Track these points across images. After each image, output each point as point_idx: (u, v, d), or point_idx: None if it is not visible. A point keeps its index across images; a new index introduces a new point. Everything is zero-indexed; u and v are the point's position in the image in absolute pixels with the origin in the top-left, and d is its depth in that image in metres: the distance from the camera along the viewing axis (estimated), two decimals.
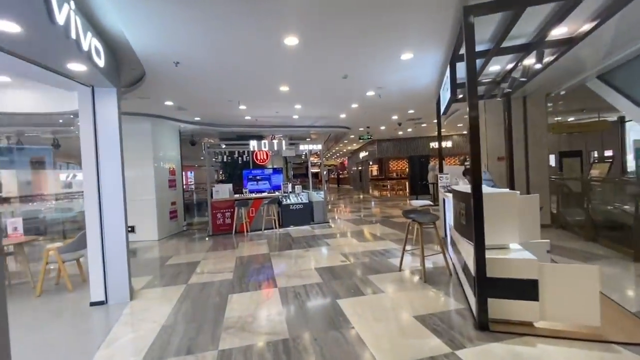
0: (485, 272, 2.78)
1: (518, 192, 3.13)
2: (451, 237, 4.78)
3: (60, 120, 6.06)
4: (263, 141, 8.35)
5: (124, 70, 4.38)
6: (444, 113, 5.29)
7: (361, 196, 18.61)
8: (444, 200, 6.49)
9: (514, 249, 3.16)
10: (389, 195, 17.45)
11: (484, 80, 5.28)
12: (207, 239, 7.71)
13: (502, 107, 7.39)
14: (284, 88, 5.76)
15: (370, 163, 20.10)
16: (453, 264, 4.52)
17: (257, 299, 3.72)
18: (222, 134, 10.43)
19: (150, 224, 7.85)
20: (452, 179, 6.44)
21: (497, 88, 5.35)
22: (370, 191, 19.16)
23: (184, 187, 16.42)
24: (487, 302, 2.79)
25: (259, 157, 9.80)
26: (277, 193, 8.89)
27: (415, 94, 6.77)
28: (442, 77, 5.31)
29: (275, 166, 10.31)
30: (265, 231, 8.16)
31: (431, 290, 3.73)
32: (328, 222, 8.98)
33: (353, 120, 10.03)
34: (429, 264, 4.64)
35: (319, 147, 9.01)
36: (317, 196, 9.30)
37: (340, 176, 34.24)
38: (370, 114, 8.95)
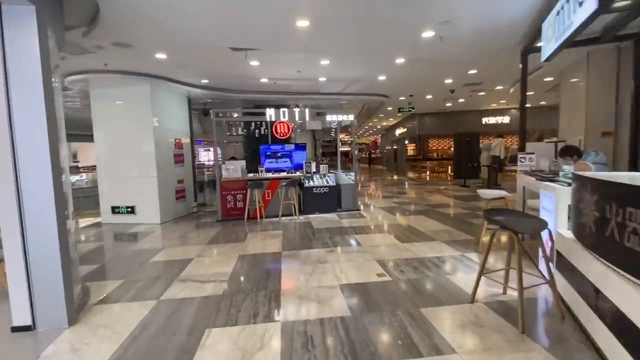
0: None
1: None
2: (556, 252, 3.04)
3: None
4: (282, 109, 6.82)
5: None
6: (548, 58, 3.40)
7: (396, 178, 16.75)
8: (523, 189, 4.67)
9: None
10: (427, 178, 15.45)
11: (618, 4, 3.27)
12: (214, 225, 6.49)
13: (614, 59, 5.24)
14: (303, 22, 4.07)
15: (407, 142, 17.99)
16: (561, 298, 2.83)
17: (244, 345, 2.33)
18: (244, 103, 9.01)
19: (152, 205, 6.76)
20: (539, 161, 4.58)
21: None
22: (407, 173, 17.19)
23: (210, 163, 15.53)
24: None
25: (279, 131, 8.33)
26: (298, 173, 7.43)
27: (493, 35, 4.71)
28: None
29: (298, 142, 8.77)
30: (283, 218, 6.79)
31: (541, 355, 2.11)
32: (358, 210, 7.43)
33: (394, 86, 8.16)
34: (512, 294, 2.96)
35: (351, 117, 7.33)
36: (347, 178, 7.72)
37: (372, 155, 32.15)
38: (418, 75, 7.05)
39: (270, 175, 7.23)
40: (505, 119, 13.33)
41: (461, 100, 10.65)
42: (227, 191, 6.83)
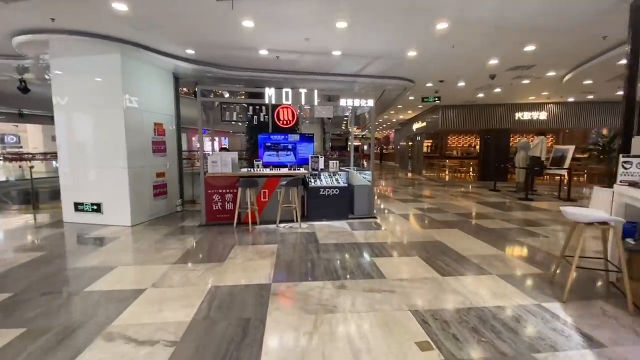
0: None
1: None
2: None
3: None
4: (285, 90, 5.44)
5: None
6: None
7: (411, 176, 15.26)
8: (625, 207, 3.23)
9: None
10: (446, 178, 13.94)
11: None
12: (195, 231, 5.21)
13: None
14: None
15: (418, 138, 16.39)
16: None
17: None
18: (247, 84, 7.62)
19: (122, 202, 5.51)
20: None
21: None
22: (423, 171, 15.68)
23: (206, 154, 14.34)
24: None
25: (282, 117, 6.99)
26: (303, 170, 6.08)
27: None
28: None
29: (305, 132, 7.37)
30: (281, 226, 5.46)
31: None
32: (374, 218, 6.06)
33: (424, 67, 6.70)
34: None
35: (370, 103, 5.91)
36: (361, 177, 6.35)
37: (384, 151, 30.56)
38: (457, 52, 5.60)
39: (268, 171, 5.88)
40: (542, 115, 11.68)
41: (497, 90, 9.10)
42: (213, 189, 5.52)
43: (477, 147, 14.17)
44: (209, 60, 6.18)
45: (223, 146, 8.23)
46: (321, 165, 6.12)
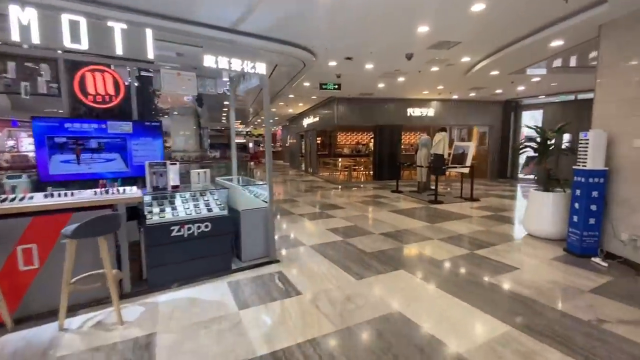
0: None
1: None
2: None
3: None
4: (66, 16, 2.36)
5: None
6: None
7: (306, 177, 13.46)
8: None
9: None
10: (341, 177, 12.72)
11: None
12: None
13: None
14: None
15: (310, 135, 14.87)
16: None
17: None
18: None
19: None
20: None
21: None
22: (318, 171, 14.14)
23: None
24: None
25: (91, 91, 3.62)
26: (136, 191, 3.10)
27: None
28: None
29: (148, 120, 4.18)
30: (77, 321, 2.42)
31: None
32: (277, 262, 3.66)
33: (335, 28, 4.63)
34: None
35: (261, 69, 3.39)
36: (250, 196, 3.84)
37: (272, 149, 28.33)
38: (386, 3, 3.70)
39: (41, 200, 2.63)
40: (430, 112, 11.62)
41: (401, 78, 7.98)
42: None
43: (370, 144, 13.49)
44: None
45: None
46: (174, 180, 3.28)
